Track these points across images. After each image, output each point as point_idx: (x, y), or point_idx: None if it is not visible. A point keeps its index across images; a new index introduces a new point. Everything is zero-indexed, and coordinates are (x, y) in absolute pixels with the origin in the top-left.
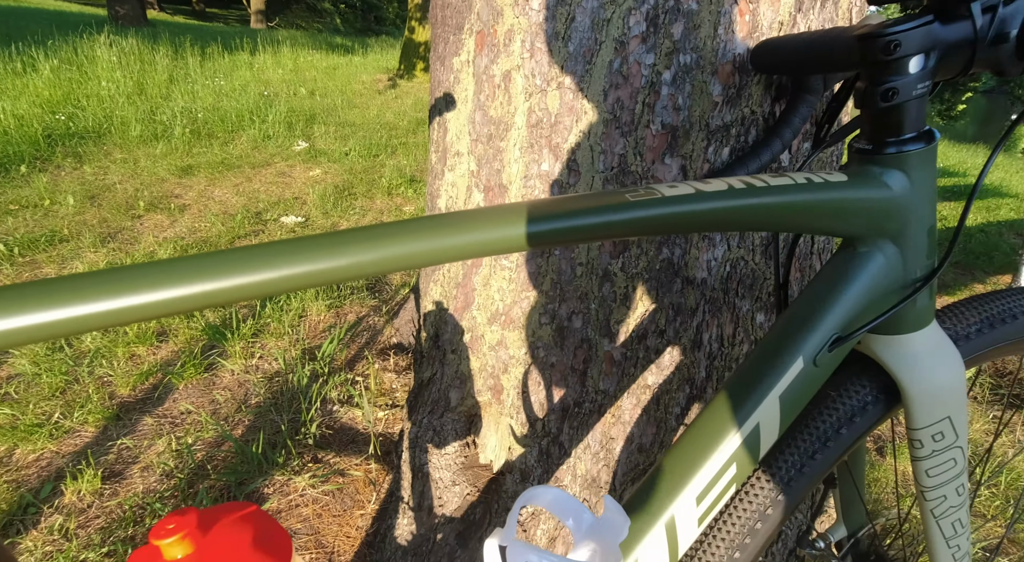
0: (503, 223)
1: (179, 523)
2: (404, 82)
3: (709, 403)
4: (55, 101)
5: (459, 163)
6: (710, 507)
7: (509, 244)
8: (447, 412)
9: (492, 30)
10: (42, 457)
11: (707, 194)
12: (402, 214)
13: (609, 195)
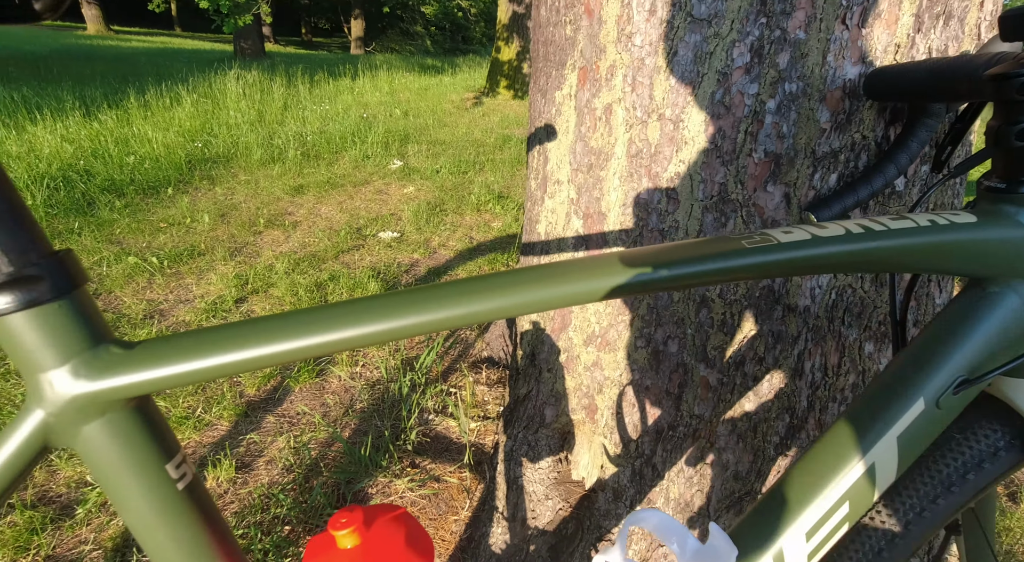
0: (623, 270)
1: (350, 518)
2: (489, 100)
3: (823, 437)
4: (194, 130)
5: (559, 191)
6: (820, 544)
7: (630, 289)
8: (542, 428)
9: (595, 66)
10: (188, 446)
11: (824, 239)
12: (490, 230)
13: (725, 241)
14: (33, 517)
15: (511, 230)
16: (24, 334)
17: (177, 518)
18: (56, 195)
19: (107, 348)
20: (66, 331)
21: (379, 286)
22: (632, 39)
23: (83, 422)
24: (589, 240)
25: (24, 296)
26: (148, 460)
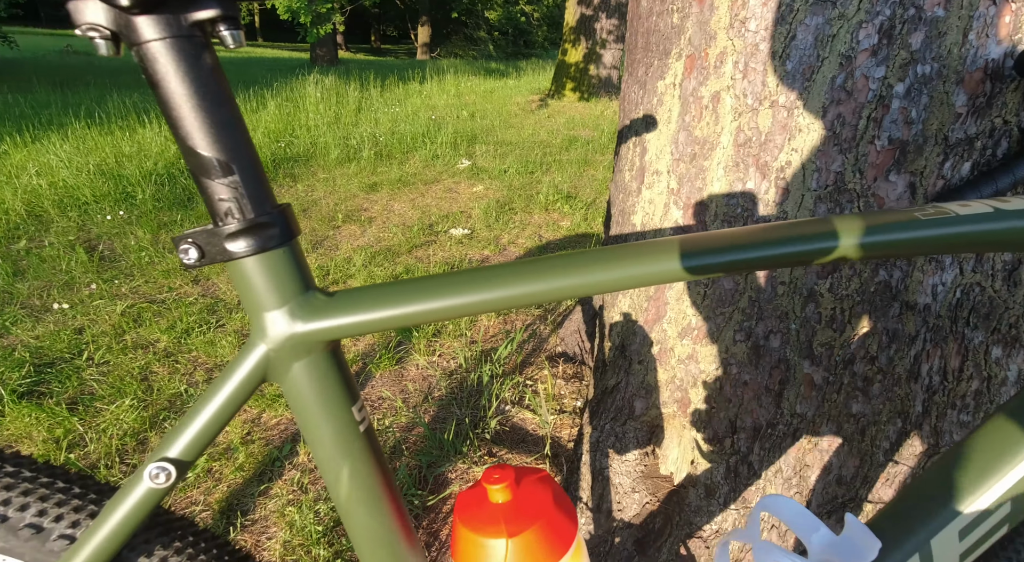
0: (808, 237)
1: (503, 474)
2: (555, 102)
3: (981, 429)
4: (278, 132)
5: (658, 181)
6: (975, 545)
7: (799, 258)
8: (630, 420)
9: (703, 53)
10: (281, 421)
11: (1011, 213)
12: (559, 228)
13: (897, 213)
14: None
15: (580, 229)
16: (255, 276)
17: (357, 456)
18: (161, 190)
19: (314, 294)
20: (287, 275)
21: None
22: (746, 24)
23: (293, 359)
24: (689, 231)
25: (260, 241)
26: (338, 401)
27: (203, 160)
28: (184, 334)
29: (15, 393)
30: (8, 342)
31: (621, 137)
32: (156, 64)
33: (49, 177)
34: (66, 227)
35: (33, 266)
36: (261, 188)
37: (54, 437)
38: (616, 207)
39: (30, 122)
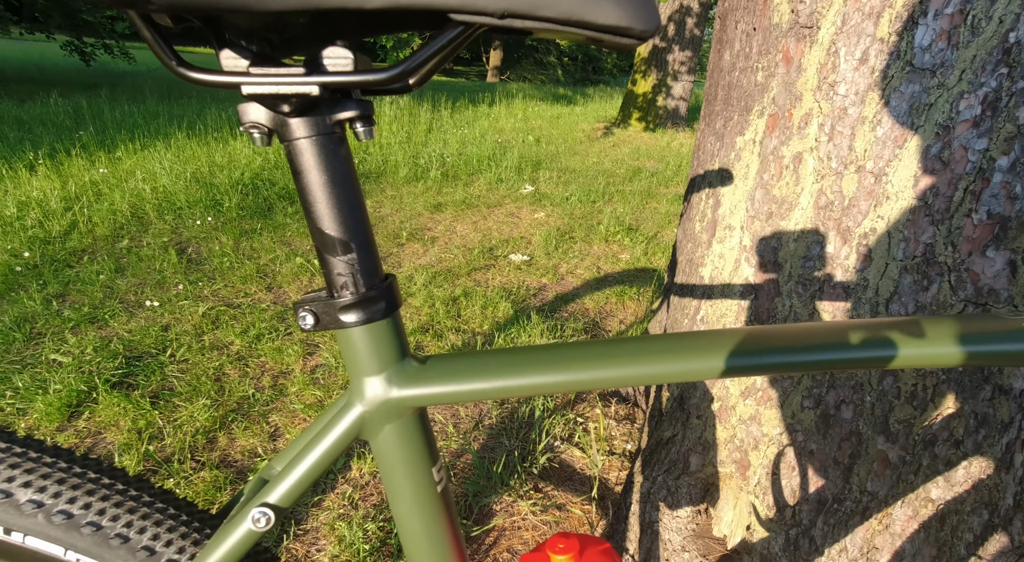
0: (893, 341)
1: (568, 544)
2: (620, 131)
3: None
4: (354, 148)
5: (730, 236)
6: None
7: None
8: (684, 475)
9: (787, 113)
10: None
11: None
12: (619, 261)
13: (998, 320)
14: (218, 476)
15: (640, 264)
16: (360, 344)
17: (432, 514)
18: (245, 199)
19: (409, 362)
20: (387, 345)
21: (509, 306)
22: (835, 88)
23: (385, 422)
24: (760, 290)
25: (367, 313)
26: (421, 462)
27: (327, 239)
28: (255, 339)
29: (108, 382)
30: (106, 333)
31: (693, 186)
32: (302, 157)
33: (152, 183)
34: (162, 229)
35: (132, 264)
36: (373, 264)
37: (137, 428)
38: (683, 255)
39: (141, 131)
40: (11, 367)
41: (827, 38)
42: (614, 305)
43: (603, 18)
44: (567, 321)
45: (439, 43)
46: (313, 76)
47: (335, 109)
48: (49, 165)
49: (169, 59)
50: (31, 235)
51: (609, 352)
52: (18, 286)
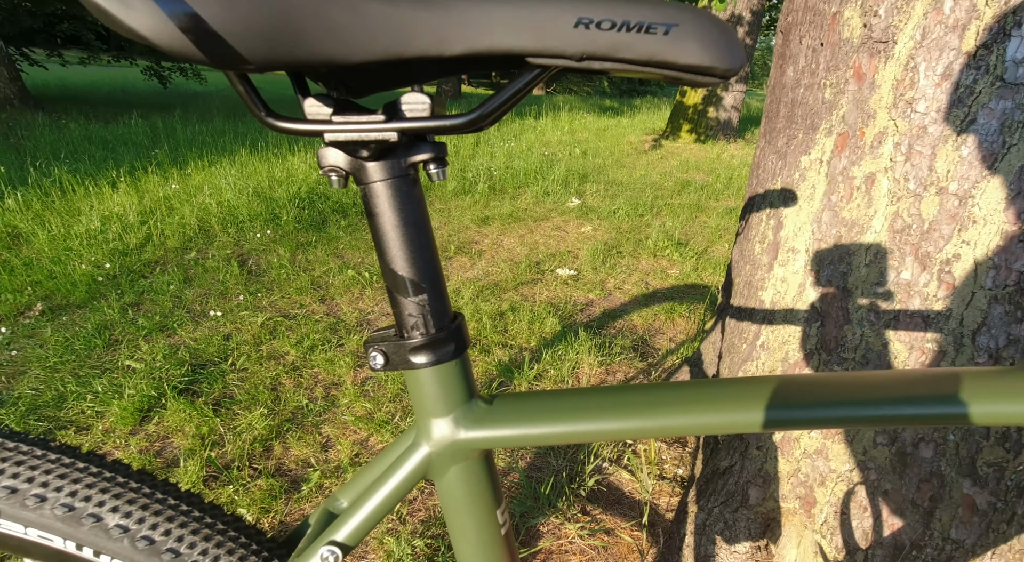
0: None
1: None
2: (669, 143)
3: None
4: None
5: (793, 260)
6: None
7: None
8: (742, 508)
9: (858, 132)
10: (383, 447)
11: None
12: (667, 277)
13: None
14: (273, 485)
15: (689, 279)
16: (428, 385)
17: (495, 558)
18: (301, 213)
19: (476, 403)
20: (455, 386)
21: (556, 322)
22: (913, 105)
23: (452, 463)
24: (827, 317)
25: (437, 355)
26: (486, 504)
27: (399, 279)
28: (309, 350)
29: (175, 389)
30: (174, 341)
31: (752, 205)
32: (377, 199)
33: (217, 197)
34: (225, 242)
35: (198, 275)
36: (443, 305)
37: (200, 434)
38: (740, 277)
39: (209, 148)
40: (92, 372)
41: (904, 53)
42: (663, 322)
43: (685, 58)
44: (615, 338)
45: (516, 86)
46: (392, 122)
47: (410, 152)
48: (128, 182)
49: (259, 110)
50: (112, 247)
51: (685, 397)
52: (99, 295)
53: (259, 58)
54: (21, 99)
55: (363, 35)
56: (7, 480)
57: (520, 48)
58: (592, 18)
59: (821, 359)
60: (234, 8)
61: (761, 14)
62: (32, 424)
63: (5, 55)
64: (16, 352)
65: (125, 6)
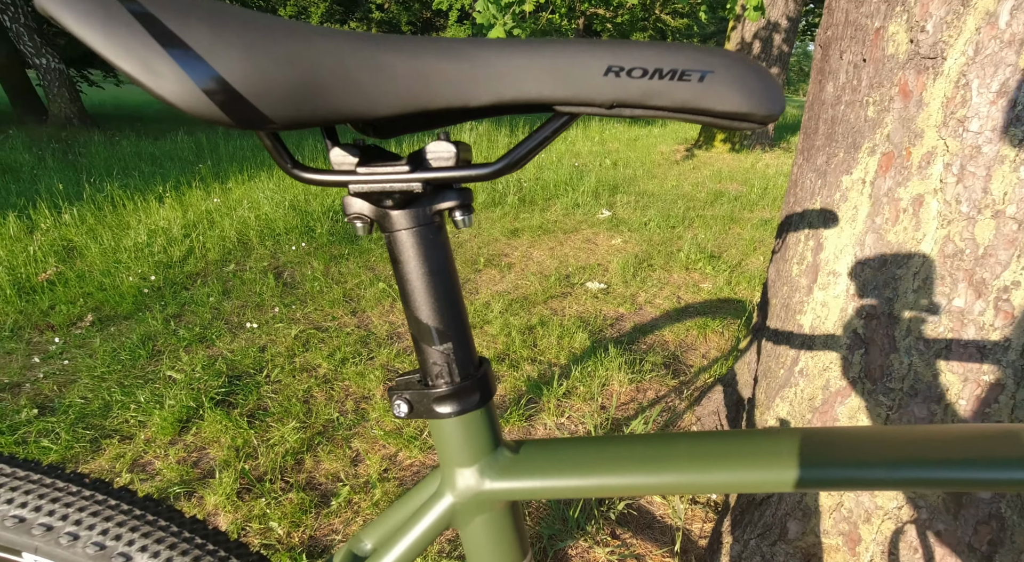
0: None
1: None
2: (701, 153)
3: None
4: None
5: (834, 283)
6: None
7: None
8: (780, 541)
9: (904, 152)
10: (415, 464)
11: None
12: (700, 291)
13: None
14: (304, 499)
15: (723, 294)
16: (453, 435)
17: None
18: (335, 225)
19: (502, 451)
20: (480, 436)
21: (586, 337)
22: (965, 124)
23: (477, 513)
24: (871, 344)
25: (461, 405)
26: (512, 555)
27: (424, 328)
28: (341, 363)
29: (212, 400)
30: (213, 352)
31: (789, 224)
32: (402, 246)
33: (256, 211)
34: (262, 254)
35: (236, 287)
36: (468, 353)
37: (235, 445)
38: (777, 298)
39: (249, 163)
40: (136, 382)
41: (955, 69)
42: (695, 338)
43: (721, 105)
44: (646, 354)
45: (543, 134)
46: (417, 172)
47: (436, 200)
48: (174, 196)
49: (286, 163)
50: (157, 260)
51: (728, 449)
52: (144, 307)
53: (284, 118)
54: (80, 118)
55: (387, 90)
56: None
57: (548, 97)
58: (623, 66)
59: (865, 388)
60: (260, 72)
61: (797, 20)
62: (80, 432)
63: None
64: (68, 362)
65: (156, 75)
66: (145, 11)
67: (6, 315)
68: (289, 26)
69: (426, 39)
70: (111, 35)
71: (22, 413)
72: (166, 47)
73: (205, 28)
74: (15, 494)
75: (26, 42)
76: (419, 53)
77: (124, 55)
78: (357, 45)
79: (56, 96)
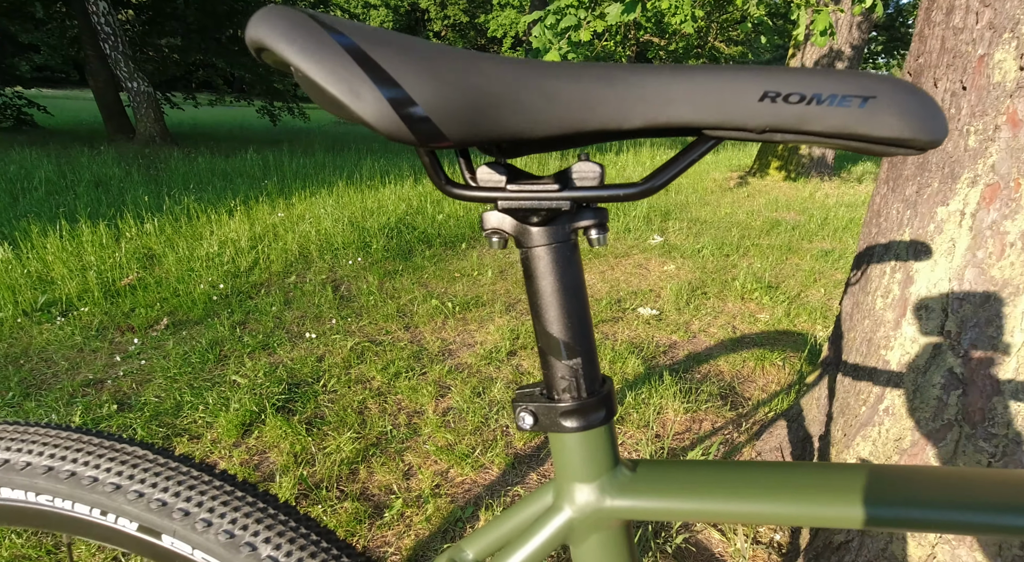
0: None
1: None
2: (755, 180)
3: None
4: None
5: (927, 318)
6: None
7: None
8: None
9: (1012, 183)
10: (466, 481)
11: None
12: (756, 322)
13: None
14: (358, 508)
15: (781, 325)
16: (576, 450)
17: None
18: (390, 242)
19: (621, 470)
20: (602, 452)
21: (639, 363)
22: None
23: (593, 531)
24: (970, 385)
25: (587, 420)
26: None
27: (553, 342)
28: (394, 376)
29: (274, 406)
30: (274, 360)
31: (870, 255)
32: (539, 262)
33: (316, 226)
34: (321, 268)
35: (297, 298)
36: (595, 370)
37: (294, 452)
38: (856, 332)
39: (311, 180)
40: (204, 384)
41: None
42: (752, 370)
43: (882, 131)
44: (701, 384)
45: (691, 157)
46: (565, 191)
47: (576, 218)
48: (242, 210)
49: (440, 179)
50: (225, 270)
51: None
52: (213, 313)
53: (456, 136)
54: (162, 137)
55: (551, 112)
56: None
57: (699, 122)
58: (780, 91)
59: (963, 432)
60: (443, 96)
61: (862, 47)
62: (154, 429)
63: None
64: (145, 362)
65: (359, 99)
66: (353, 44)
67: (93, 315)
68: (467, 55)
69: (586, 65)
70: (324, 64)
71: (104, 408)
72: (370, 75)
73: (400, 58)
74: (158, 479)
75: (122, 68)
76: (579, 77)
77: (334, 81)
78: (525, 71)
79: (143, 116)
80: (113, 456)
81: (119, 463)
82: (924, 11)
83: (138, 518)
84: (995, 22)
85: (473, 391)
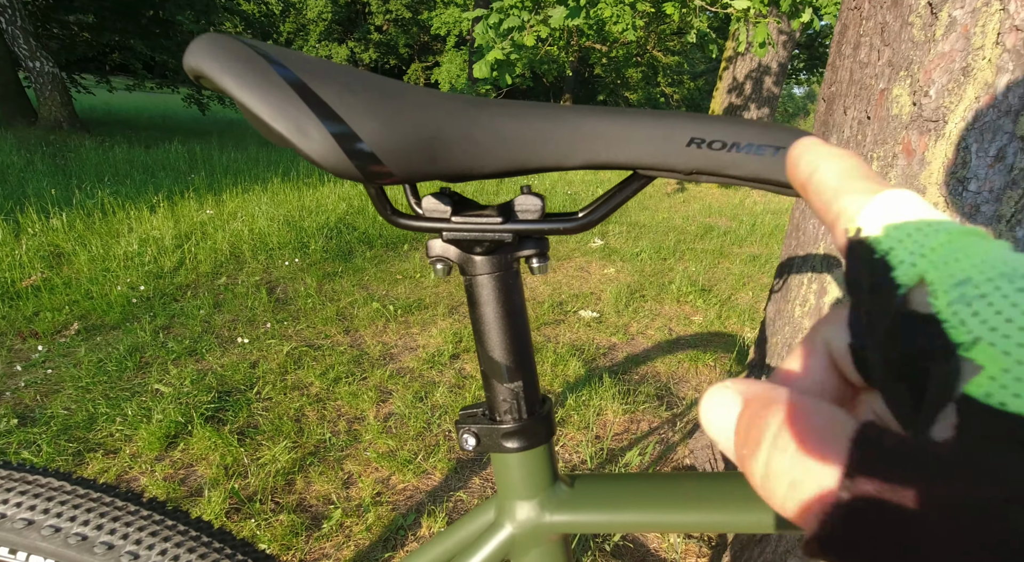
0: None
1: None
2: (692, 187)
3: None
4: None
5: None
6: None
7: None
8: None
9: None
10: (408, 488)
11: None
12: (691, 324)
13: None
14: (295, 521)
15: (714, 327)
16: (517, 469)
17: None
18: (329, 243)
19: (560, 486)
20: (541, 470)
21: (580, 365)
22: (965, 184)
23: (533, 546)
24: None
25: (528, 440)
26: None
27: (496, 366)
28: (333, 382)
29: (202, 416)
30: (203, 367)
31: (791, 266)
32: (482, 289)
33: (249, 224)
34: (255, 269)
35: (228, 301)
36: (535, 392)
37: (224, 464)
38: (777, 336)
39: (243, 176)
40: (122, 394)
41: (955, 133)
42: (687, 370)
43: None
44: (639, 385)
45: (624, 194)
46: (508, 224)
47: (518, 248)
48: (166, 206)
49: (386, 210)
50: (147, 270)
51: None
52: (133, 317)
53: (403, 173)
54: (70, 122)
55: (498, 151)
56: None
57: (635, 163)
58: (704, 138)
59: None
60: (391, 136)
61: (786, 65)
62: (62, 444)
63: (60, 81)
64: (51, 370)
65: (305, 137)
66: (298, 79)
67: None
68: (412, 91)
69: (532, 105)
70: (267, 99)
71: (1, 422)
72: (316, 113)
73: (348, 96)
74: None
75: (21, 45)
76: (526, 117)
77: (279, 118)
78: (473, 109)
79: (47, 99)
80: (24, 489)
81: (32, 496)
82: (836, 44)
83: (55, 555)
84: (893, 60)
85: (415, 396)
